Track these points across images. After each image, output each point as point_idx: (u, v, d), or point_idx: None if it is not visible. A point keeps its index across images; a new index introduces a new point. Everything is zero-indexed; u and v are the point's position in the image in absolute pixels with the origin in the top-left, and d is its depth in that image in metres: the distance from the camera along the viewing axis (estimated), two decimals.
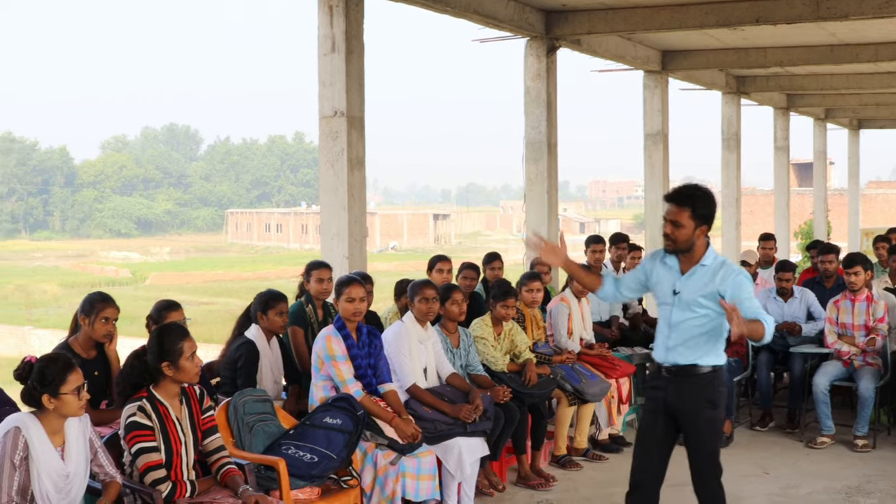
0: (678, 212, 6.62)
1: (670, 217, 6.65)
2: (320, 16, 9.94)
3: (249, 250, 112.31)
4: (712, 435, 6.85)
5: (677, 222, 6.62)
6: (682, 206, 6.62)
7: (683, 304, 6.70)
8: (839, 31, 15.40)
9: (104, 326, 7.43)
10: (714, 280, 6.61)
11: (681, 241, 6.64)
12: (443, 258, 10.93)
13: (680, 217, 6.61)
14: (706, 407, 6.75)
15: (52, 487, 5.56)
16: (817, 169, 31.30)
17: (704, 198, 6.65)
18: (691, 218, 6.60)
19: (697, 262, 6.69)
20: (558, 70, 13.96)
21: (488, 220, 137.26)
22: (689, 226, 6.61)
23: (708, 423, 6.78)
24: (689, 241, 6.64)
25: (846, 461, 10.37)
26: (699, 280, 6.66)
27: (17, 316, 58.73)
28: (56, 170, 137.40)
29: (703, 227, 6.64)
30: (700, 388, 6.73)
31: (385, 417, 7.72)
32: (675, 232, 6.64)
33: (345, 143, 9.93)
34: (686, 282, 6.71)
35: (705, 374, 6.72)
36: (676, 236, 6.64)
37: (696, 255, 6.69)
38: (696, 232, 6.62)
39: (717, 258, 6.71)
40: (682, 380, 6.75)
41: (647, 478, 7.04)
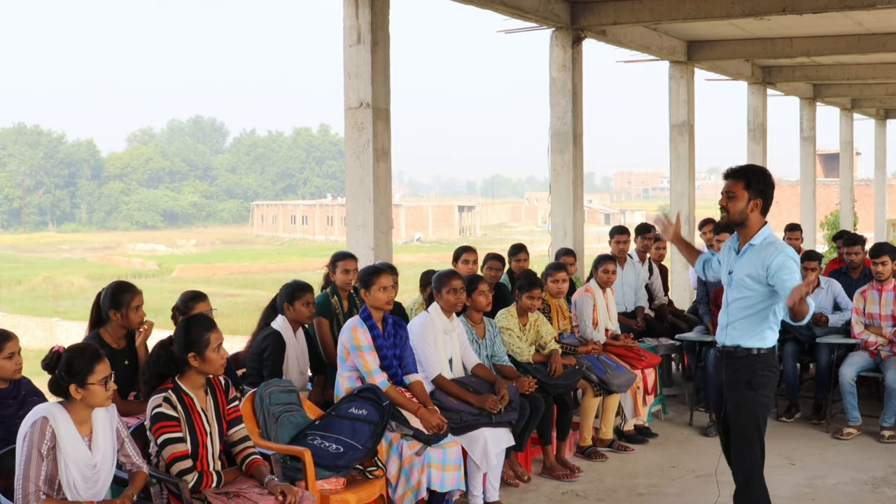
0: (733, 183, 6.84)
1: (725, 189, 6.88)
2: (346, 7, 9.95)
3: (275, 242, 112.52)
4: (748, 416, 6.87)
5: (731, 192, 6.83)
6: (736, 178, 6.84)
7: (735, 285, 6.89)
8: (866, 21, 15.31)
9: (137, 315, 7.46)
10: (759, 259, 6.74)
11: (734, 212, 6.83)
12: (468, 249, 10.93)
13: (734, 188, 6.83)
14: (743, 387, 6.84)
15: (79, 477, 5.58)
16: (844, 159, 31.15)
17: (759, 173, 6.87)
18: (745, 189, 6.80)
19: (748, 240, 6.86)
20: (584, 61, 13.94)
21: (513, 211, 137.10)
22: (742, 197, 6.80)
23: (744, 403, 6.85)
24: (743, 213, 6.82)
25: (873, 452, 10.33)
26: (748, 260, 6.83)
27: (45, 307, 59.10)
28: (83, 162, 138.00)
29: (756, 201, 6.81)
30: (739, 368, 6.86)
31: (410, 408, 7.73)
32: (729, 203, 6.83)
33: (370, 135, 9.94)
34: (738, 262, 6.91)
35: (746, 356, 6.84)
36: (730, 207, 6.83)
37: (749, 233, 6.87)
38: (749, 204, 6.80)
39: (766, 239, 6.84)
40: (728, 360, 6.93)
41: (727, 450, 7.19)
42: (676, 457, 10.20)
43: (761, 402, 6.89)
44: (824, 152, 62.65)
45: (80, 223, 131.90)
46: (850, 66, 20.86)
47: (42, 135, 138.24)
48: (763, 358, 6.85)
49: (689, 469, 9.76)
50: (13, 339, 6.64)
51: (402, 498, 7.58)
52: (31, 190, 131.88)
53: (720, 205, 6.89)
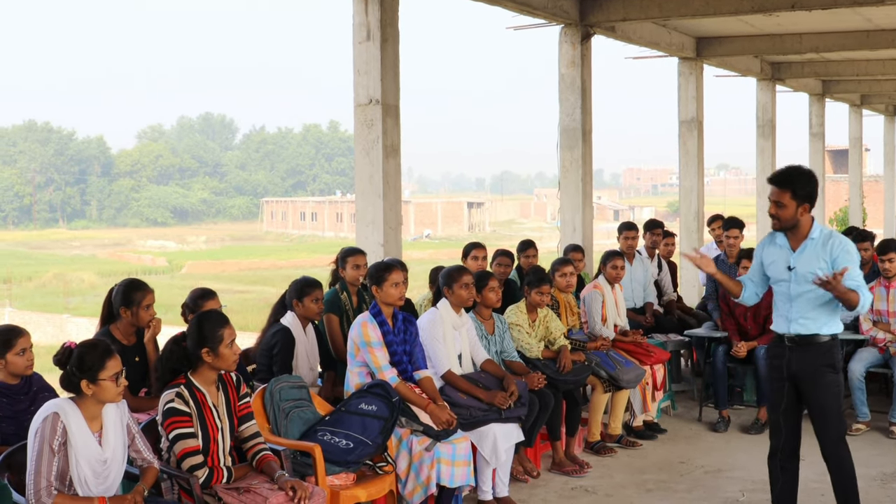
0: (780, 193, 7.04)
1: (773, 198, 7.08)
2: (355, 4, 9.97)
3: (284, 239, 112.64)
4: (834, 397, 7.20)
5: (780, 203, 7.05)
6: (782, 187, 7.04)
7: (800, 278, 7.10)
8: (875, 17, 15.30)
9: (147, 313, 7.50)
10: (825, 250, 7.03)
11: (784, 220, 7.09)
12: (478, 245, 10.94)
13: (782, 198, 7.04)
14: (827, 371, 7.17)
15: (90, 472, 5.61)
16: (853, 155, 31.11)
17: (804, 178, 7.06)
18: (792, 198, 7.01)
19: (806, 237, 7.11)
20: (593, 57, 13.94)
21: (523, 207, 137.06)
22: (790, 206, 7.03)
23: (829, 385, 7.16)
24: (793, 219, 7.07)
25: (882, 448, 10.33)
26: (811, 253, 7.08)
27: (55, 304, 59.28)
28: (93, 159, 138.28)
29: (804, 206, 7.06)
30: (821, 354, 7.16)
31: (420, 404, 7.75)
32: (779, 212, 7.08)
33: (380, 131, 9.96)
34: (799, 257, 7.12)
35: (825, 342, 7.15)
36: (780, 216, 7.08)
37: (803, 231, 7.13)
38: (798, 210, 7.05)
39: (823, 230, 7.13)
40: (804, 348, 7.17)
41: (783, 442, 7.43)
42: (685, 452, 10.21)
43: (841, 383, 7.33)
44: (833, 148, 62.55)
45: (90, 220, 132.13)
46: (859, 62, 20.84)
47: (52, 132, 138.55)
48: (837, 342, 7.23)
49: (698, 465, 9.77)
50: (24, 335, 6.67)
51: (412, 493, 7.59)
52: (41, 187, 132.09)
53: (769, 212, 7.15)
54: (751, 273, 7.59)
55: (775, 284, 7.32)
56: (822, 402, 7.19)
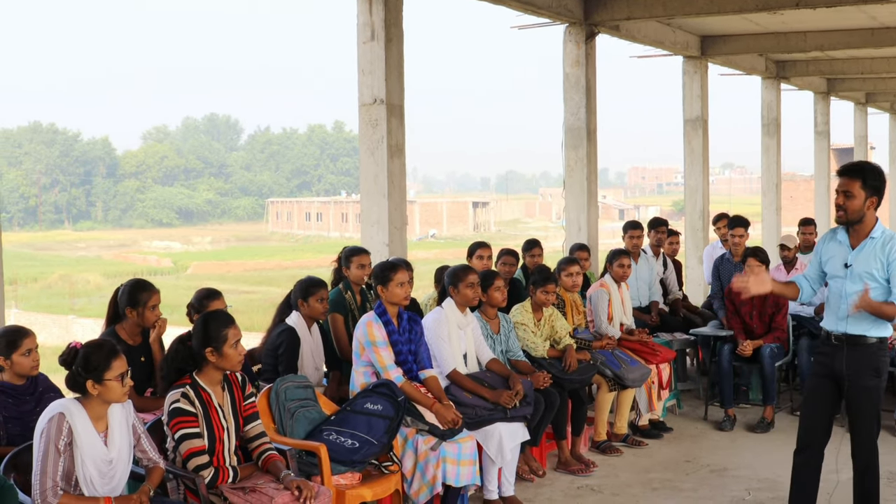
0: (849, 182, 6.92)
1: (842, 188, 6.97)
2: (360, 4, 9.98)
3: (290, 239, 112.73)
4: (871, 402, 7.14)
5: (849, 192, 6.93)
6: (853, 177, 6.93)
7: (855, 277, 7.02)
8: (880, 15, 15.29)
9: (153, 314, 7.51)
10: (883, 252, 6.94)
11: (851, 210, 6.95)
12: (483, 245, 10.93)
13: (851, 187, 6.92)
14: (871, 375, 7.09)
15: (95, 473, 5.62)
16: (858, 154, 31.08)
17: (874, 170, 6.98)
18: (862, 188, 6.90)
19: (867, 235, 7.03)
20: (597, 56, 13.95)
21: (528, 207, 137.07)
22: (859, 196, 6.91)
23: (872, 389, 7.13)
24: (860, 211, 6.95)
25: (888, 446, 10.29)
26: (869, 253, 6.99)
27: (61, 305, 59.38)
28: (98, 160, 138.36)
29: (872, 199, 6.94)
30: (867, 356, 7.07)
31: (426, 403, 7.74)
32: (847, 202, 6.94)
33: (384, 131, 9.97)
34: (857, 255, 7.03)
35: (873, 344, 7.06)
36: (847, 206, 6.94)
37: (865, 229, 7.02)
38: (866, 203, 6.93)
39: (885, 231, 7.04)
40: (851, 348, 7.07)
41: (813, 438, 7.41)
42: (691, 451, 10.21)
43: (882, 388, 7.23)
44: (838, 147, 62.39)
45: (95, 221, 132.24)
46: (863, 60, 20.82)
47: (58, 133, 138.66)
48: (885, 345, 7.13)
49: (703, 464, 9.76)
50: (30, 336, 6.68)
51: (418, 493, 7.60)
52: (46, 188, 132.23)
53: (837, 203, 7.03)
54: (808, 270, 7.51)
55: (831, 280, 7.25)
56: (860, 404, 7.13)
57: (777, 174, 21.69)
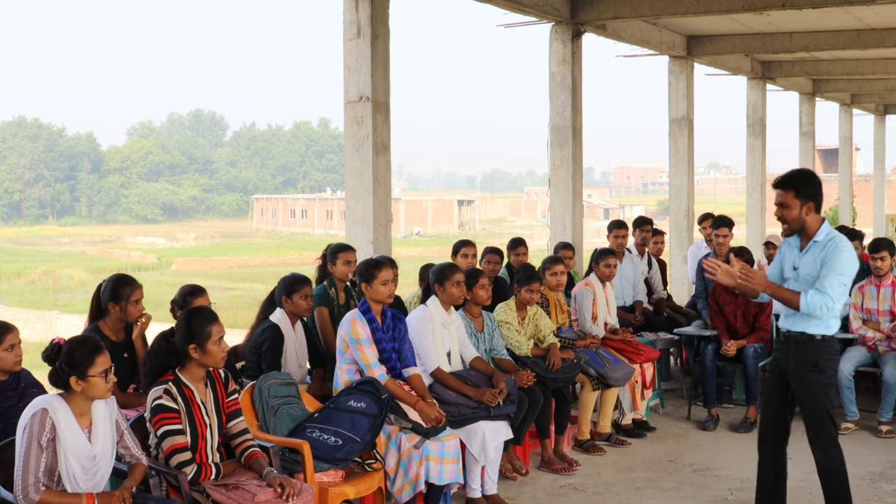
0: (784, 194, 7.20)
1: (777, 201, 7.25)
2: (346, 1, 9.97)
3: (274, 236, 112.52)
4: (818, 396, 7.25)
5: (784, 204, 7.20)
6: (786, 188, 7.20)
7: (802, 280, 7.24)
8: (865, 16, 15.33)
9: (136, 308, 7.49)
10: (822, 254, 7.13)
11: (791, 220, 7.21)
12: (467, 243, 10.93)
13: (786, 199, 7.19)
14: (810, 370, 7.24)
15: (78, 468, 5.60)
16: (843, 155, 31.19)
17: (806, 178, 7.24)
18: (796, 197, 7.16)
19: (811, 238, 7.24)
20: (583, 55, 13.95)
21: (513, 206, 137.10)
22: (795, 205, 7.17)
23: (813, 384, 7.25)
24: (799, 219, 7.19)
25: (870, 447, 10.35)
26: (812, 255, 7.20)
27: (45, 301, 59.17)
28: (83, 156, 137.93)
29: (809, 205, 7.18)
30: (807, 352, 7.25)
31: (409, 401, 7.74)
32: (785, 213, 7.21)
33: (370, 128, 9.96)
34: (802, 258, 7.28)
35: (813, 342, 7.22)
36: (786, 216, 7.21)
37: (809, 233, 7.25)
38: (802, 210, 7.18)
39: (828, 234, 7.23)
40: (795, 345, 7.30)
41: (772, 433, 7.57)
42: (674, 451, 10.22)
43: (828, 383, 7.33)
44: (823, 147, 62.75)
45: (79, 216, 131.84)
46: (849, 61, 20.88)
47: (42, 128, 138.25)
48: (829, 343, 7.27)
49: (686, 463, 9.78)
50: (13, 331, 6.66)
51: (401, 491, 7.59)
52: (30, 183, 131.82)
53: (777, 216, 7.29)
54: (769, 273, 7.62)
55: (785, 282, 7.41)
56: (803, 398, 7.31)
57: (762, 174, 21.73)
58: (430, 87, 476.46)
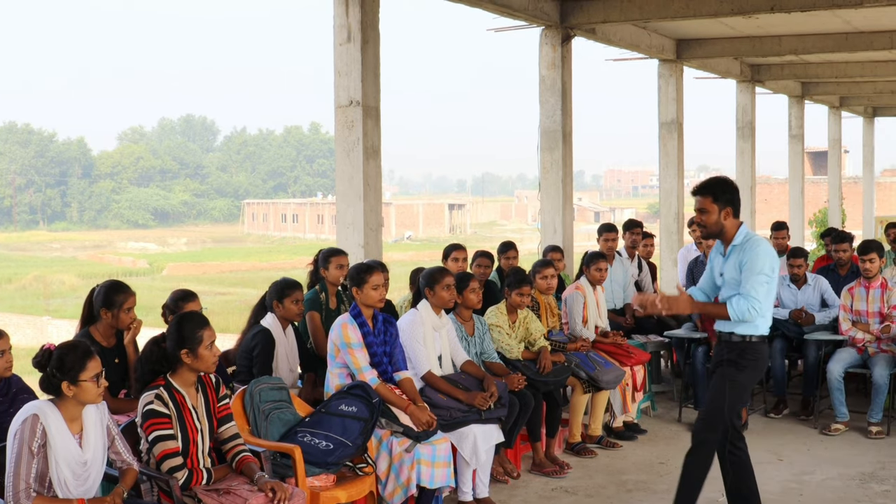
0: (702, 200, 7.34)
1: (696, 207, 7.38)
2: (336, 6, 9.97)
3: (265, 241, 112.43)
4: (722, 390, 7.33)
5: (703, 209, 7.33)
6: (704, 194, 7.34)
7: (727, 283, 7.36)
8: (854, 19, 15.37)
9: (128, 316, 7.49)
10: (741, 256, 7.22)
11: (709, 225, 7.34)
12: (458, 247, 10.95)
13: (705, 204, 7.32)
14: (728, 365, 7.34)
15: (69, 474, 5.60)
16: (832, 157, 31.23)
17: (723, 184, 7.39)
18: (714, 203, 7.28)
19: (730, 242, 7.33)
20: (573, 59, 13.97)
21: (503, 209, 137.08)
22: (713, 210, 7.29)
23: (723, 377, 7.36)
24: (717, 224, 7.32)
25: (860, 448, 10.38)
26: (733, 260, 7.29)
27: (35, 306, 59.01)
28: (74, 161, 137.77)
29: (727, 210, 7.30)
30: (729, 351, 7.35)
31: (400, 405, 7.76)
32: (703, 218, 7.34)
33: (360, 133, 9.97)
34: (726, 263, 7.37)
35: (738, 342, 7.31)
36: (705, 222, 7.35)
37: (728, 238, 7.37)
38: (721, 214, 7.29)
39: (745, 237, 7.31)
40: (722, 345, 7.44)
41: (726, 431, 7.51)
42: (665, 453, 10.24)
43: (742, 384, 7.38)
44: (813, 150, 62.87)
45: (70, 222, 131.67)
46: (838, 64, 20.92)
47: (33, 133, 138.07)
48: (754, 345, 7.33)
49: (677, 465, 9.69)
50: (3, 337, 6.65)
51: (392, 495, 7.60)
52: (21, 189, 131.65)
53: (696, 221, 7.44)
54: (701, 281, 7.78)
55: (718, 289, 7.55)
56: (712, 390, 7.43)
57: (751, 177, 21.76)
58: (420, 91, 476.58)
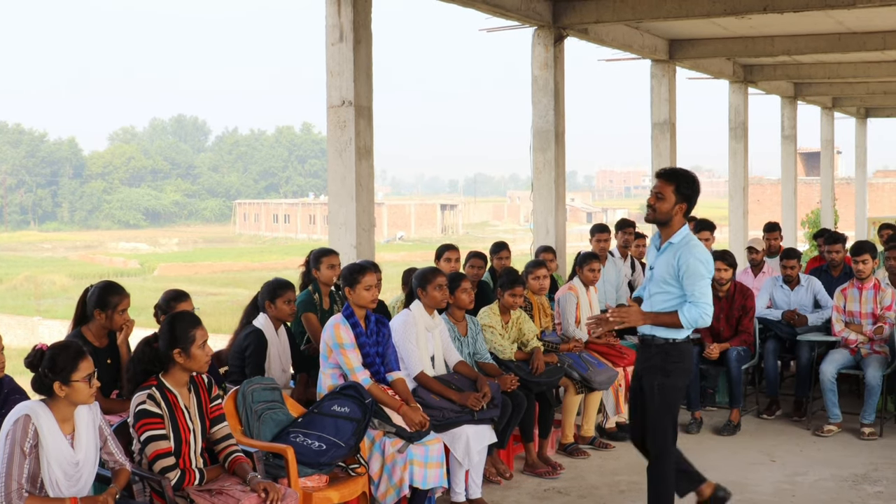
0: (664, 185, 7.17)
1: (656, 189, 7.22)
2: (328, 5, 9.97)
3: (257, 241, 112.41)
4: (660, 401, 7.26)
5: (661, 194, 7.16)
6: (668, 180, 7.18)
7: (656, 280, 7.27)
8: (846, 20, 15.38)
9: (122, 317, 7.47)
10: (675, 258, 7.11)
11: (660, 211, 7.18)
12: (451, 247, 10.94)
13: (664, 190, 7.15)
14: (657, 373, 7.23)
15: (61, 475, 5.59)
16: (824, 158, 31.27)
17: (688, 178, 7.21)
18: (674, 193, 7.14)
19: (669, 239, 7.20)
20: (566, 59, 13.97)
21: (496, 210, 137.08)
22: (670, 200, 7.14)
23: (657, 388, 7.25)
24: (668, 214, 7.17)
25: (853, 449, 10.39)
26: (667, 257, 7.18)
27: (27, 306, 58.94)
28: (65, 161, 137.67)
29: (682, 205, 7.17)
30: (654, 356, 7.25)
31: (393, 405, 7.74)
32: (657, 203, 7.18)
33: (353, 133, 9.96)
34: (658, 258, 7.27)
35: (661, 345, 7.21)
36: (657, 207, 7.18)
37: (670, 233, 7.22)
38: (675, 207, 7.15)
39: (684, 237, 7.18)
40: (644, 348, 7.35)
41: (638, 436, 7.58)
42: None
43: (674, 386, 7.30)
44: (805, 151, 62.88)
45: (61, 222, 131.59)
46: (830, 64, 20.94)
47: (24, 133, 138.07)
48: (679, 347, 7.26)
49: None
50: None
51: (385, 495, 7.59)
52: (12, 189, 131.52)
53: (648, 203, 7.28)
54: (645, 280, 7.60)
55: None
56: (649, 402, 7.28)
57: (744, 178, 21.77)
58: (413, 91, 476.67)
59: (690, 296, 7.06)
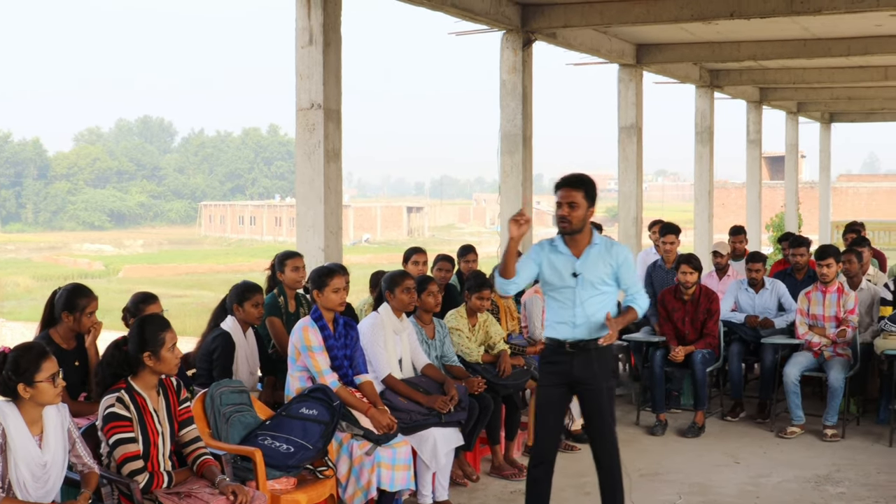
0: (574, 193, 7.09)
1: (567, 199, 7.11)
2: (298, 8, 9.98)
3: (223, 243, 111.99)
4: (612, 401, 7.34)
5: (574, 203, 7.09)
6: (577, 187, 7.11)
7: (587, 284, 7.18)
8: (812, 26, 15.51)
9: (89, 320, 7.47)
10: (610, 256, 7.18)
11: (577, 220, 7.11)
12: (418, 250, 10.95)
13: (575, 198, 7.09)
14: (609, 377, 7.30)
15: (29, 476, 5.57)
16: (789, 162, 31.47)
17: (592, 183, 7.22)
18: (584, 198, 7.11)
19: (588, 243, 7.21)
20: (534, 63, 14.02)
21: (462, 212, 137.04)
22: (582, 206, 7.11)
23: (609, 391, 7.29)
24: (583, 220, 7.14)
25: (816, 450, 10.47)
26: (596, 259, 7.19)
27: None
28: (29, 162, 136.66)
29: (592, 209, 7.20)
30: (603, 360, 7.27)
31: (361, 408, 7.76)
32: (572, 213, 7.09)
33: (321, 136, 9.97)
34: (584, 263, 7.18)
35: (606, 348, 7.26)
36: (572, 216, 7.09)
37: (586, 237, 7.22)
38: (587, 212, 7.15)
39: (603, 238, 7.28)
40: (587, 353, 7.20)
41: (549, 450, 7.48)
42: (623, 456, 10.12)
43: (614, 385, 7.53)
44: (770, 155, 63.21)
45: (25, 223, 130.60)
46: (796, 70, 21.09)
47: None
48: (610, 347, 7.37)
49: (635, 468, 9.82)
50: None
51: (352, 498, 7.61)
52: None
53: (561, 215, 7.15)
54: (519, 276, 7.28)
55: (556, 292, 7.28)
56: (601, 406, 7.25)
57: (710, 182, 21.88)
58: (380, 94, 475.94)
59: (633, 286, 7.24)
